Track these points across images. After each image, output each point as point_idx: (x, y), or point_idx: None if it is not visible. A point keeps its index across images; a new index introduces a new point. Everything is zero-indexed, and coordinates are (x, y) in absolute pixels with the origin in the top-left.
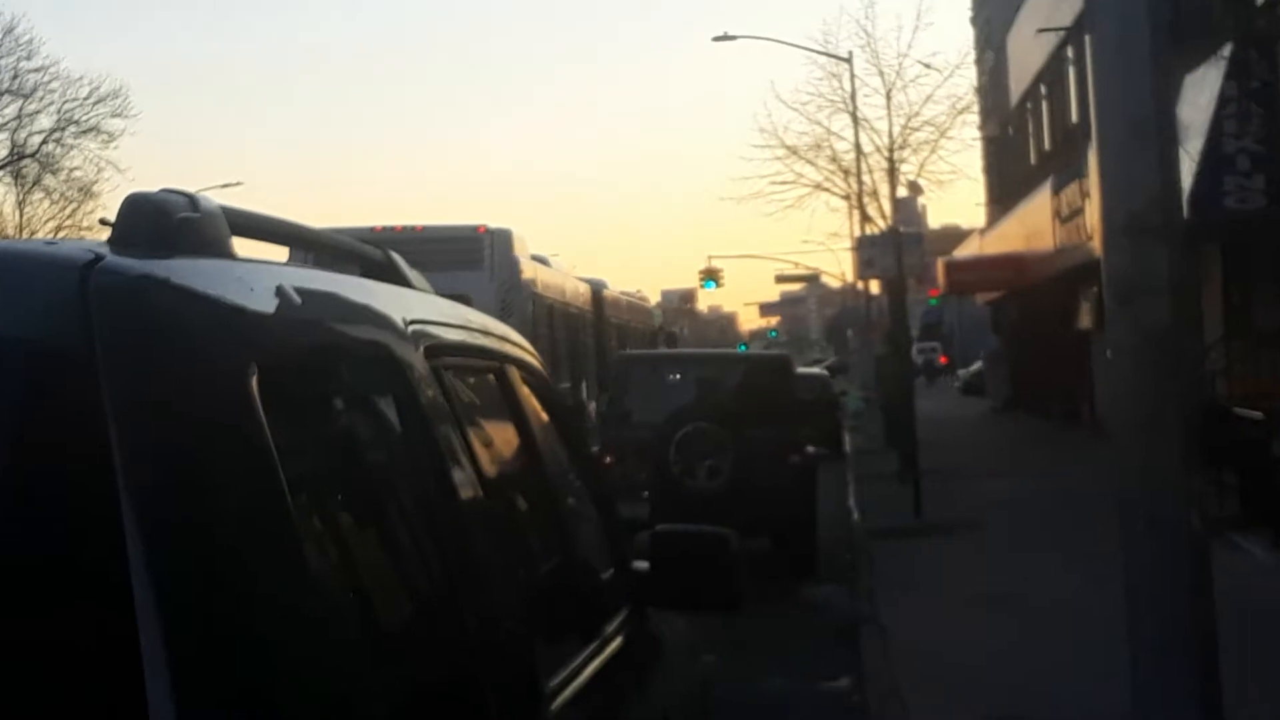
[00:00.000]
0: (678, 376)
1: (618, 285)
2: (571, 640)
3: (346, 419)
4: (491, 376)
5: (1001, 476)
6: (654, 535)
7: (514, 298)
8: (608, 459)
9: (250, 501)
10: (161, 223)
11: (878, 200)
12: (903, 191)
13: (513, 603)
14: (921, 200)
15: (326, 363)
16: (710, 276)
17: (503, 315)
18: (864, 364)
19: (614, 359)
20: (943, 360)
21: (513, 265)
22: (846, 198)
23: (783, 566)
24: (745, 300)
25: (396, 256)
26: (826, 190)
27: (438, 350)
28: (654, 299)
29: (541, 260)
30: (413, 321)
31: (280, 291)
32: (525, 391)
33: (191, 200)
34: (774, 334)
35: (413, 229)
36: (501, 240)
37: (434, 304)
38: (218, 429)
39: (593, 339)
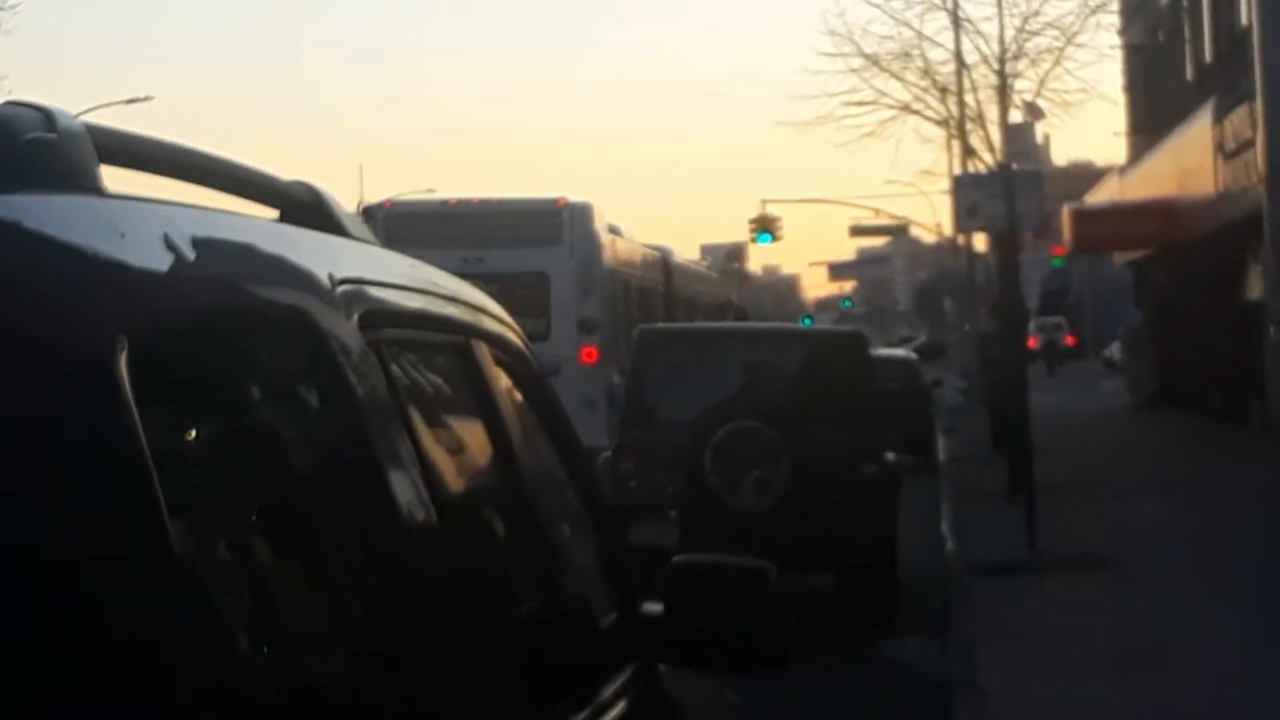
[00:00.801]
0: (717, 359)
1: (643, 240)
2: (556, 709)
3: (248, 412)
4: (454, 356)
5: (1144, 494)
6: (671, 569)
7: (594, 275)
8: (622, 467)
9: (113, 520)
10: (3, 146)
11: (984, 127)
12: (1017, 116)
13: (474, 660)
14: (1041, 128)
15: (222, 336)
16: (764, 227)
17: (582, 294)
18: (965, 345)
19: (634, 334)
20: (1069, 340)
21: (593, 241)
22: (943, 123)
23: (851, 612)
24: (810, 259)
25: (327, 194)
26: (917, 113)
27: (378, 319)
28: (689, 257)
29: (615, 231)
30: (345, 281)
31: (163, 241)
32: (500, 377)
33: (47, 116)
34: (847, 304)
35: (488, 202)
36: (581, 214)
37: (376, 258)
38: (73, 423)
39: (662, 315)
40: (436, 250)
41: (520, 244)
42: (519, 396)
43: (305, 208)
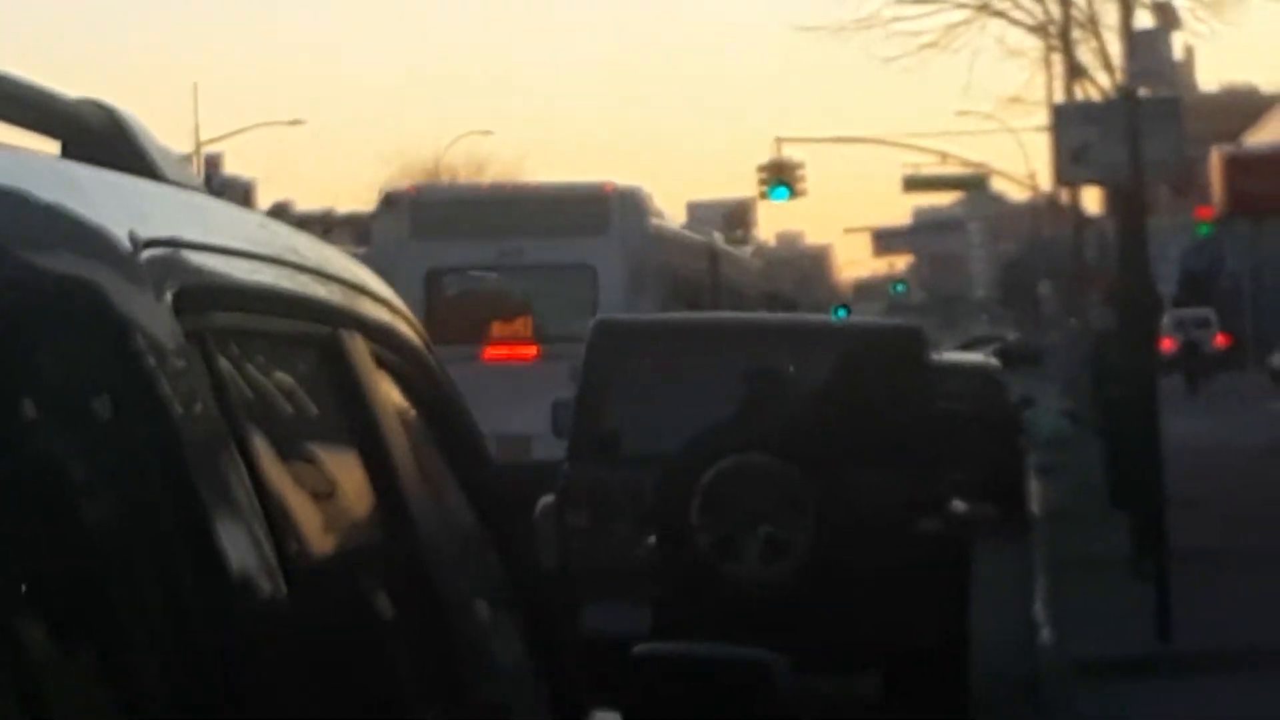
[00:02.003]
0: (709, 366)
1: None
2: None
3: (6, 440)
4: (318, 354)
5: None
6: (633, 663)
7: (646, 269)
8: (571, 518)
9: None
10: None
11: (1098, 35)
12: (1145, 20)
13: None
14: (1181, 38)
15: None
16: (779, 177)
17: (634, 291)
18: (1070, 348)
19: (592, 326)
20: (1219, 341)
21: (644, 230)
22: (1040, 29)
23: None
24: (847, 224)
25: (132, 118)
26: (1001, 15)
27: (203, 299)
28: (673, 216)
29: (660, 216)
30: (154, 243)
31: None
32: (385, 385)
33: None
34: (900, 288)
35: (527, 187)
36: (631, 200)
37: (202, 212)
38: None
39: (709, 308)
40: (470, 241)
41: (563, 234)
42: (413, 413)
43: (98, 138)
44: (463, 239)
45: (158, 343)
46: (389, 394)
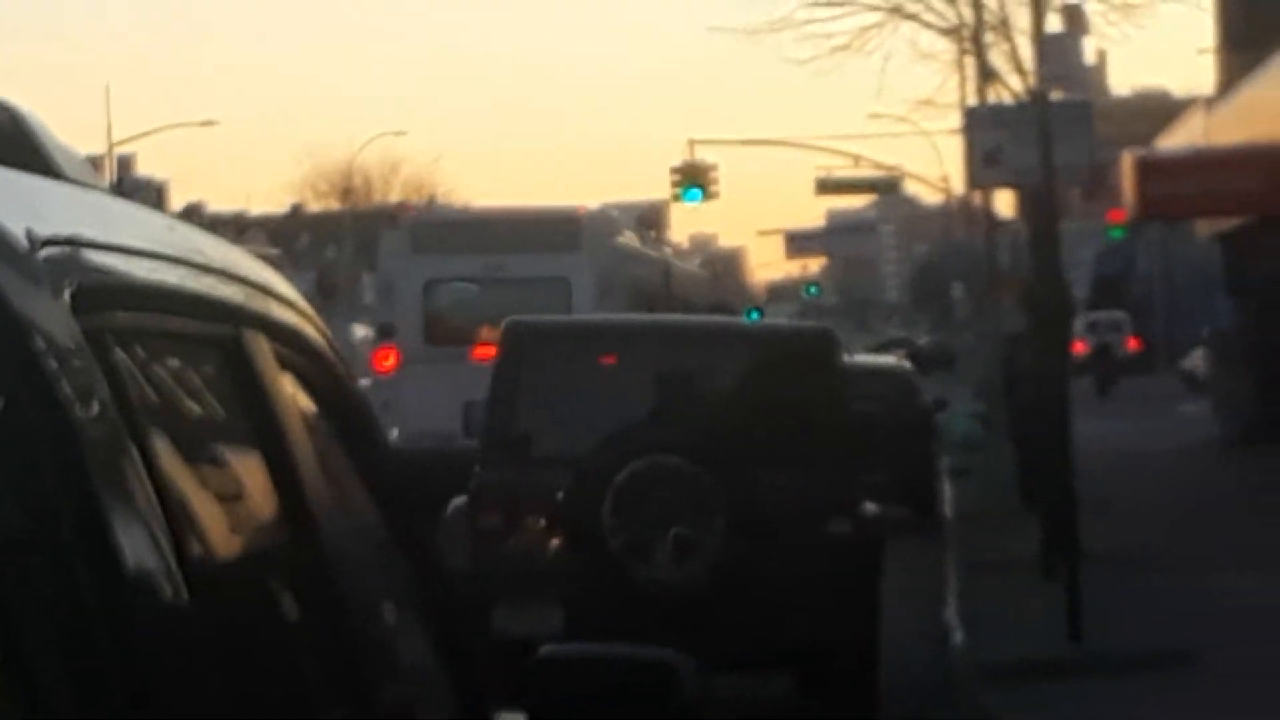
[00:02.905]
0: (620, 367)
1: (524, 201)
2: None
3: None
4: (220, 353)
5: (1238, 568)
6: (539, 664)
7: (612, 280)
8: (483, 521)
9: None
10: None
11: (1009, 39)
12: (1056, 24)
13: None
14: (1093, 42)
15: None
16: (692, 179)
17: (600, 298)
18: (982, 351)
19: (502, 327)
20: (1132, 344)
21: (610, 247)
22: (952, 33)
23: None
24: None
25: (29, 115)
26: (914, 18)
27: (102, 298)
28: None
29: (623, 235)
30: (52, 242)
31: None
32: (288, 385)
33: None
34: (813, 290)
35: (510, 210)
36: (600, 222)
37: (102, 210)
38: None
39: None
40: (462, 257)
41: (541, 250)
42: (316, 414)
43: None
44: (455, 255)
45: (55, 342)
46: (293, 395)
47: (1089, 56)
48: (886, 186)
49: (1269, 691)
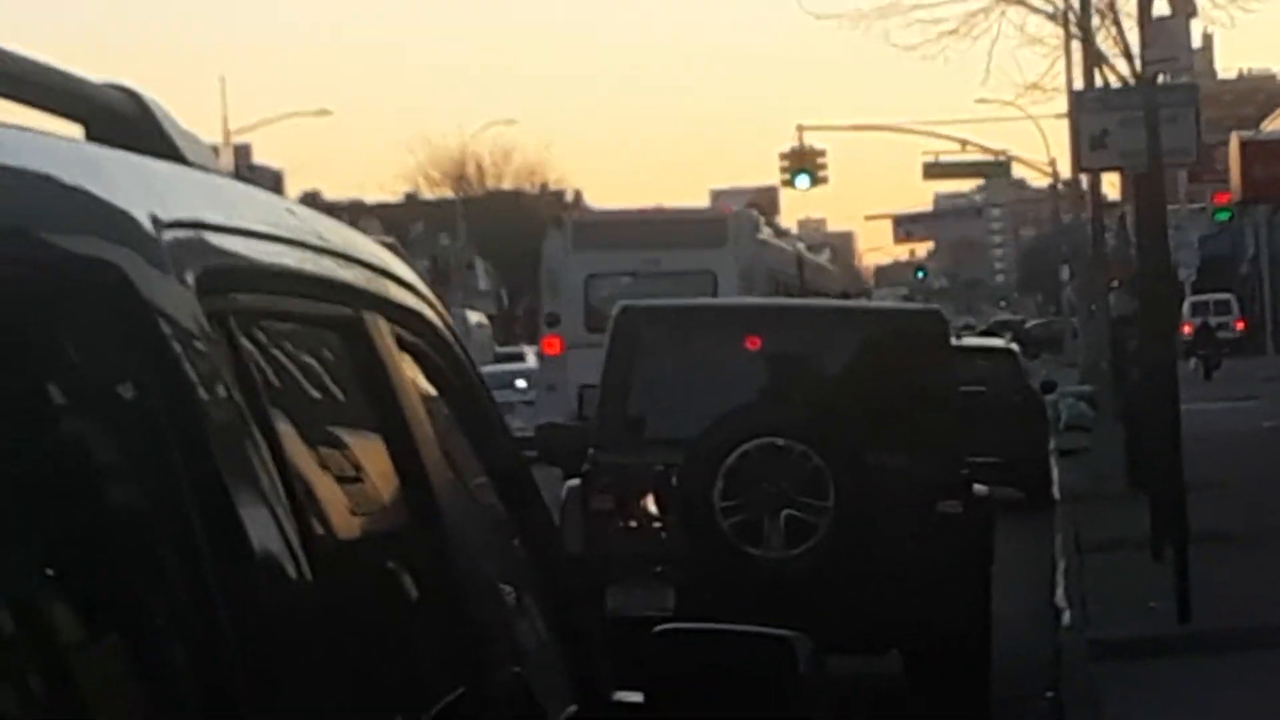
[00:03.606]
0: (730, 350)
1: (635, 187)
2: None
3: (27, 422)
4: (341, 335)
5: None
6: (655, 641)
7: (754, 273)
8: (596, 503)
9: None
10: None
11: (1117, 22)
12: (1163, 7)
13: None
14: (1202, 25)
15: None
16: (802, 165)
17: (745, 290)
18: (1091, 333)
19: (615, 312)
20: (1239, 325)
21: (752, 244)
22: (1058, 17)
23: (925, 709)
24: (869, 210)
25: (156, 102)
26: (1021, 3)
27: (225, 280)
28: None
29: (764, 232)
30: (176, 225)
31: None
32: (409, 367)
33: None
34: (922, 273)
35: (664, 211)
36: (743, 221)
37: (226, 194)
38: None
39: None
40: (618, 253)
41: (690, 246)
42: (436, 396)
43: (122, 121)
44: (613, 251)
45: (180, 324)
46: (412, 376)
47: (1196, 40)
48: (994, 170)
49: None
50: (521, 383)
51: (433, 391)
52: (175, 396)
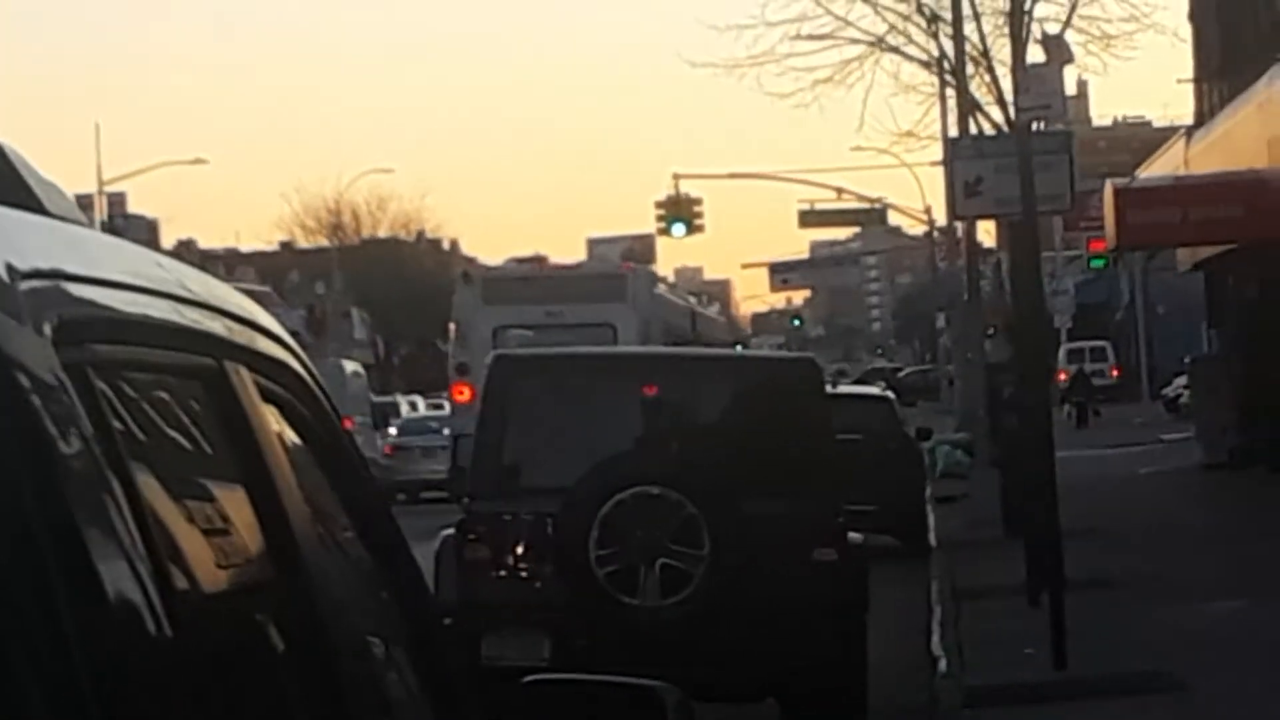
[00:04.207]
0: (606, 398)
1: (512, 235)
2: None
3: None
4: (202, 386)
5: (1222, 593)
6: (525, 691)
7: (651, 325)
8: (471, 552)
9: None
10: None
11: (989, 70)
12: (1037, 54)
13: None
14: (1074, 72)
15: None
16: (678, 213)
17: (642, 340)
18: (967, 381)
19: (490, 361)
20: (1114, 372)
21: (650, 298)
22: (933, 64)
23: None
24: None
25: (12, 150)
26: (896, 50)
27: (83, 331)
28: (569, 257)
29: (660, 287)
30: (33, 275)
31: None
32: (271, 418)
33: None
34: (796, 322)
35: (569, 267)
36: (641, 277)
37: (84, 244)
38: None
39: None
40: (525, 306)
41: (592, 300)
42: (301, 447)
43: None
44: (518, 304)
45: (36, 375)
46: (277, 427)
47: (1070, 87)
48: (869, 218)
49: (1254, 718)
50: (447, 430)
51: (299, 442)
52: (31, 448)
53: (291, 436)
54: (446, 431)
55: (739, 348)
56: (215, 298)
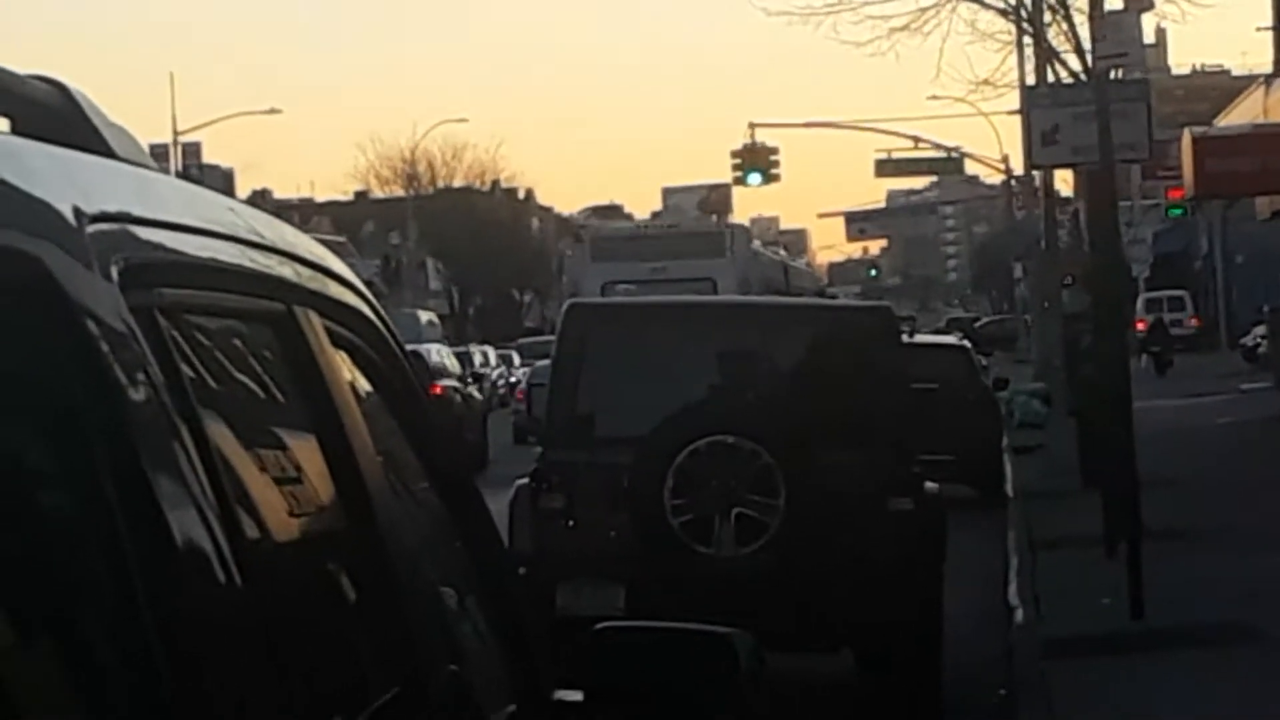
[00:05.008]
0: (680, 348)
1: (587, 185)
2: None
3: None
4: (272, 330)
5: None
6: (596, 639)
7: (748, 279)
8: (546, 501)
9: None
10: None
11: (1068, 18)
12: (1115, 2)
13: None
14: (1152, 19)
15: None
16: (754, 162)
17: (739, 294)
18: (1043, 330)
19: (564, 310)
20: (1193, 322)
21: (747, 253)
22: (1010, 13)
23: (877, 708)
24: (821, 208)
25: (83, 95)
26: (973, 0)
27: (151, 275)
28: (645, 210)
29: (757, 243)
30: (101, 218)
31: None
32: (343, 363)
33: None
34: (873, 273)
35: (671, 226)
36: (739, 233)
37: (154, 188)
38: None
39: None
40: (630, 263)
41: (693, 256)
42: (373, 394)
43: (48, 114)
44: (625, 261)
45: (104, 320)
46: (348, 373)
47: (1148, 35)
48: (946, 167)
49: None
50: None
51: (370, 389)
52: (98, 393)
53: (363, 383)
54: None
55: (825, 297)
56: (286, 243)
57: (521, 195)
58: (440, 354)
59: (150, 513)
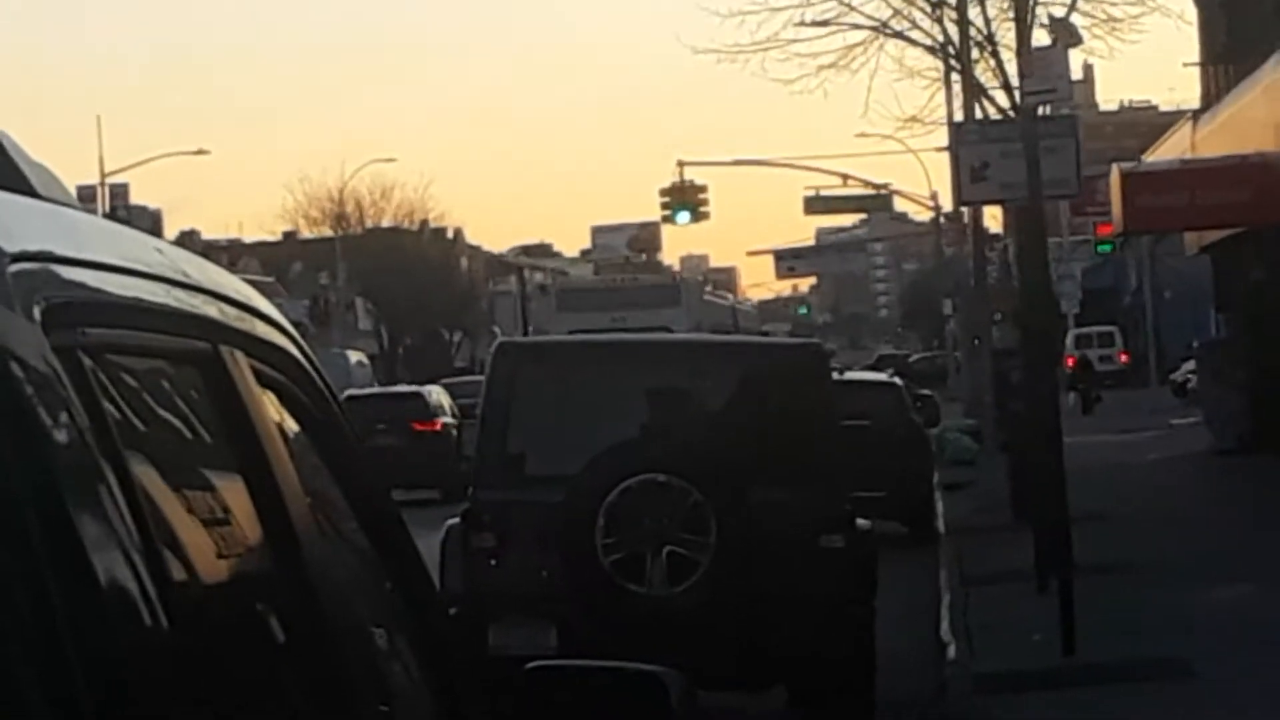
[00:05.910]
0: (611, 385)
1: (516, 224)
2: None
3: None
4: (197, 370)
5: (1231, 579)
6: (529, 675)
7: (701, 326)
8: (477, 541)
9: None
10: None
11: (994, 54)
12: (1043, 39)
13: None
14: (1080, 56)
15: None
16: (682, 200)
17: None
18: (973, 367)
19: (494, 349)
20: (1122, 358)
21: (699, 302)
22: (938, 50)
23: None
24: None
25: (3, 135)
26: (900, 36)
27: (73, 315)
28: (574, 249)
29: (709, 291)
30: (22, 257)
31: None
32: (269, 404)
33: None
34: (804, 310)
35: (631, 279)
36: (692, 285)
37: (76, 227)
38: None
39: None
40: (593, 313)
41: (652, 306)
42: (300, 433)
43: None
44: (589, 312)
45: (24, 361)
46: (274, 412)
47: (1076, 71)
48: (875, 204)
49: (1263, 703)
50: None
51: (297, 428)
52: (21, 435)
53: (290, 423)
54: None
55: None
56: (212, 282)
57: (450, 234)
58: (437, 394)
59: (75, 556)
